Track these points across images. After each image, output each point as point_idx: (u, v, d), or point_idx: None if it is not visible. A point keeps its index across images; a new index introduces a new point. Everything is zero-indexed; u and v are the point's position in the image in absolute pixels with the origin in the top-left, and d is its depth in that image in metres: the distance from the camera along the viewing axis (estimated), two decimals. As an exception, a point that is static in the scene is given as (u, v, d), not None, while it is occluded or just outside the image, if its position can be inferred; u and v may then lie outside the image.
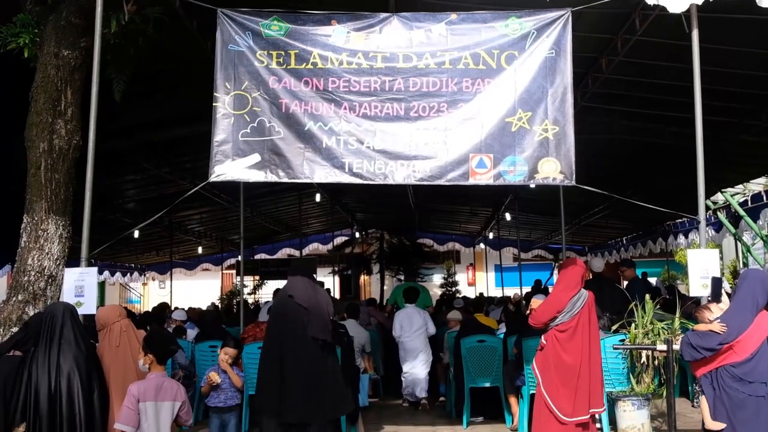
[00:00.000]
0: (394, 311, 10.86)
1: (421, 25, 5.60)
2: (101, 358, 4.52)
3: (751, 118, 8.11)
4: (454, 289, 21.00)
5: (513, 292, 16.41)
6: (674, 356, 5.16)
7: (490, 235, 19.69)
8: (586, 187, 5.62)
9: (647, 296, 6.56)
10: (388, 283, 21.13)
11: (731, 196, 11.70)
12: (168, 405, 4.32)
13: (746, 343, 4.58)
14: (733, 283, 12.15)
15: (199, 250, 19.75)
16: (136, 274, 20.34)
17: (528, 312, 6.48)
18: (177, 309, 11.16)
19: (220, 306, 17.95)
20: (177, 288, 18.07)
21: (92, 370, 4.30)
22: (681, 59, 6.14)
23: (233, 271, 23.03)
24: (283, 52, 5.59)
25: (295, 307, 5.43)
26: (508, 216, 15.65)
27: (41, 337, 4.24)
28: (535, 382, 5.95)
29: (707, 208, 10.38)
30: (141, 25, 5.51)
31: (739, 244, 12.93)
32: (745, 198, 11.50)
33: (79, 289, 5.09)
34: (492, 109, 5.51)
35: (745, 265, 13.62)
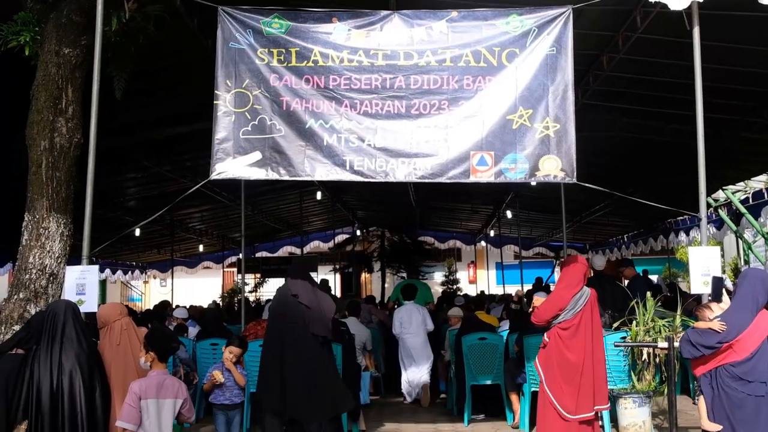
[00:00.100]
0: (396, 308, 10.87)
1: (422, 23, 5.60)
2: (102, 356, 4.52)
3: (753, 116, 8.10)
4: (455, 287, 20.99)
5: (514, 289, 16.42)
6: (675, 353, 5.16)
7: (491, 233, 19.70)
8: (587, 185, 5.62)
9: (648, 294, 6.57)
10: (389, 281, 21.13)
11: (732, 193, 11.68)
12: (170, 402, 4.32)
13: (746, 342, 4.58)
14: (734, 280, 12.13)
15: (200, 248, 19.79)
16: (138, 272, 20.38)
17: (530, 310, 6.49)
18: (178, 307, 11.15)
19: (221, 304, 17.94)
20: (178, 286, 18.06)
21: (94, 368, 4.30)
22: (682, 56, 6.13)
23: (234, 269, 23.03)
24: (283, 50, 5.59)
25: (296, 306, 5.44)
26: (509, 213, 15.64)
27: (43, 336, 4.24)
28: (536, 380, 5.96)
29: (708, 206, 10.38)
30: (142, 23, 5.51)
31: (741, 242, 12.91)
32: (746, 195, 11.49)
33: (81, 287, 5.10)
34: (493, 106, 5.50)
35: (746, 262, 13.60)
